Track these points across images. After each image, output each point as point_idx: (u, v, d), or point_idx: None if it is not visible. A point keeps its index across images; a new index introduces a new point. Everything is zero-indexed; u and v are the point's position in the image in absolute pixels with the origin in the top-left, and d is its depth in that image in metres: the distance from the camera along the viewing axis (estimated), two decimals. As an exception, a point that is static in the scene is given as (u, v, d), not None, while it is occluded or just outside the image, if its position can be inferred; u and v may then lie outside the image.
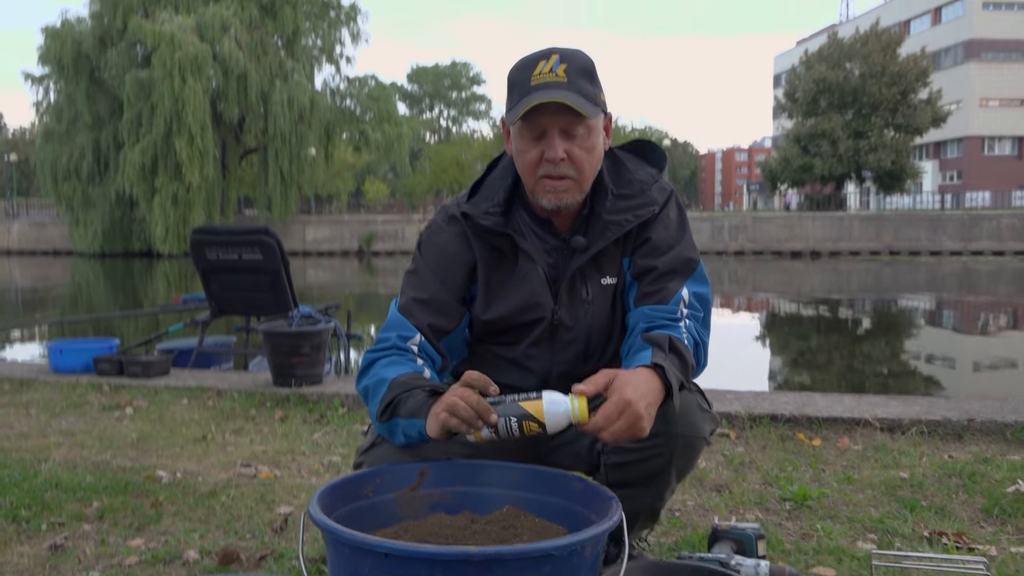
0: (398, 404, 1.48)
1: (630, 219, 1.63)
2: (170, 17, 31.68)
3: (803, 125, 40.99)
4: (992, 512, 2.32)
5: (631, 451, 1.60)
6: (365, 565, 1.17)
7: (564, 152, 1.54)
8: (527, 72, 1.55)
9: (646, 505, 1.68)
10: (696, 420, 1.60)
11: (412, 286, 1.67)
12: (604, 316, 1.69)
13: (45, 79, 35.44)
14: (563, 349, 1.69)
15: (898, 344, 11.12)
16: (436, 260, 1.67)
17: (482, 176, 1.73)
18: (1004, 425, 3.08)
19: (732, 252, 32.15)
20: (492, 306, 1.67)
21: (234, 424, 3.43)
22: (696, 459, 1.67)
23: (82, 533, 2.14)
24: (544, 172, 1.56)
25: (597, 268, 1.66)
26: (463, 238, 1.67)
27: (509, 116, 1.57)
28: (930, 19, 53.85)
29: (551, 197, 1.58)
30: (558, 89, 1.51)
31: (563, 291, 1.66)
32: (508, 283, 1.66)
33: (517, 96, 1.55)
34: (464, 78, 76.45)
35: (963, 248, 30.71)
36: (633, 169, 1.70)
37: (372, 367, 1.59)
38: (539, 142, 1.55)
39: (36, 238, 38.06)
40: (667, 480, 1.64)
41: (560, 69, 1.53)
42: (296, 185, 34.58)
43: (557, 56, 1.55)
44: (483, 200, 1.66)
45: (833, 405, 3.41)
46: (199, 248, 4.97)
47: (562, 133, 1.54)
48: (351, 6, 36.92)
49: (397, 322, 1.63)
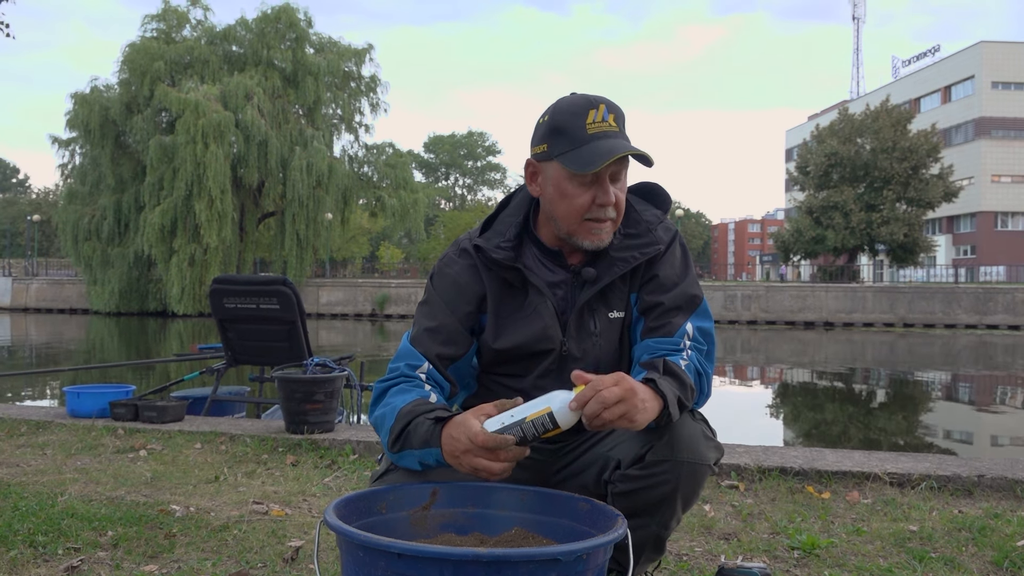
0: (409, 434, 1.53)
1: (636, 256, 1.71)
2: (196, 86, 32.64)
3: (815, 197, 41.32)
4: (1002, 564, 2.30)
5: (637, 479, 1.63)
6: (378, 567, 1.21)
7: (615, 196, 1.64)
8: (579, 120, 1.62)
9: (652, 535, 1.70)
10: (701, 448, 1.63)
11: (424, 315, 1.74)
12: (611, 349, 1.75)
13: (71, 143, 36.45)
14: (571, 382, 1.75)
15: (913, 416, 11.00)
16: (447, 290, 1.74)
17: (495, 212, 1.81)
18: (1015, 482, 3.07)
19: (745, 321, 32.10)
20: (502, 336, 1.72)
21: (246, 467, 3.46)
22: (701, 487, 1.69)
23: (97, 559, 2.17)
24: (593, 216, 1.64)
25: (605, 302, 1.73)
26: (474, 270, 1.73)
27: (573, 165, 1.61)
28: (940, 97, 54.73)
29: (594, 239, 1.67)
30: (617, 139, 1.62)
31: (571, 323, 1.72)
32: (518, 315, 1.72)
33: (572, 143, 1.62)
34: (480, 147, 77.87)
35: (978, 321, 30.55)
36: (640, 210, 1.78)
37: (383, 396, 1.65)
38: (591, 187, 1.63)
39: (53, 296, 38.51)
40: (673, 508, 1.67)
41: (611, 119, 1.63)
42: (312, 248, 35.04)
43: (604, 106, 1.63)
44: (495, 235, 1.74)
45: (843, 460, 3.40)
46: (218, 297, 5.07)
47: (612, 177, 1.64)
48: (371, 77, 37.99)
49: (407, 352, 1.70)
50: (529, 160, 1.71)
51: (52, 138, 37.90)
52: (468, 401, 1.86)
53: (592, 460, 1.75)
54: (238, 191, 34.06)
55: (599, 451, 1.74)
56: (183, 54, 34.92)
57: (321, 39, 36.83)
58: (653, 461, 1.62)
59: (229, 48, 36.02)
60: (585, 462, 1.76)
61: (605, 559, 1.32)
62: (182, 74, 34.35)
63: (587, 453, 1.77)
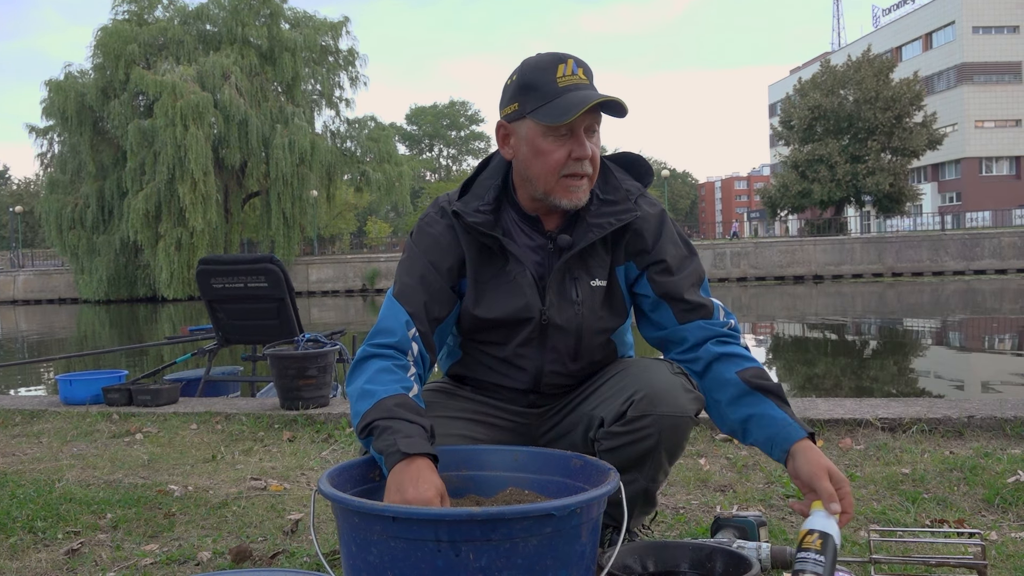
0: (376, 431, 1.45)
1: (612, 222, 1.69)
2: (171, 67, 32.25)
3: (800, 152, 41.31)
4: (993, 502, 2.34)
5: (620, 435, 1.65)
6: (374, 531, 1.22)
7: (591, 150, 1.61)
8: (549, 75, 1.59)
9: (641, 489, 1.72)
10: (681, 401, 1.65)
11: (407, 271, 1.70)
12: (594, 317, 1.74)
13: (49, 131, 36.03)
14: (553, 349, 1.75)
15: (903, 364, 11.10)
16: (430, 248, 1.71)
17: (473, 175, 1.78)
18: (1004, 421, 3.10)
19: (735, 279, 32.21)
20: (481, 303, 1.71)
21: (243, 445, 3.47)
22: (684, 439, 1.71)
23: (97, 541, 2.18)
24: (569, 171, 1.61)
25: (587, 270, 1.72)
26: (453, 231, 1.71)
27: (547, 118, 1.57)
28: (921, 45, 54.52)
29: (571, 196, 1.64)
30: (590, 90, 1.58)
31: (551, 291, 1.70)
32: (497, 283, 1.71)
33: (544, 98, 1.58)
34: (462, 117, 77.30)
35: (965, 268, 30.76)
36: (620, 179, 1.76)
37: (365, 368, 1.59)
38: (566, 142, 1.60)
39: (41, 287, 38.29)
40: (658, 462, 1.69)
41: (580, 72, 1.60)
42: (299, 227, 34.89)
43: (573, 61, 1.60)
44: (473, 198, 1.71)
45: (835, 408, 3.43)
46: (205, 278, 5.04)
47: (587, 131, 1.61)
48: (349, 51, 37.59)
49: (392, 310, 1.65)
50: (500, 122, 1.68)
51: (29, 127, 37.49)
52: (453, 369, 1.86)
53: (577, 420, 1.76)
54: (221, 172, 33.79)
55: (583, 410, 1.76)
56: (157, 35, 34.43)
57: (296, 14, 36.36)
58: (634, 416, 1.64)
59: (203, 27, 35.51)
60: (571, 422, 1.78)
61: (599, 513, 1.34)
62: (157, 56, 33.90)
63: (572, 413, 1.78)
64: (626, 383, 1.69)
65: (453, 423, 1.72)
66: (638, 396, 1.64)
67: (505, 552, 1.18)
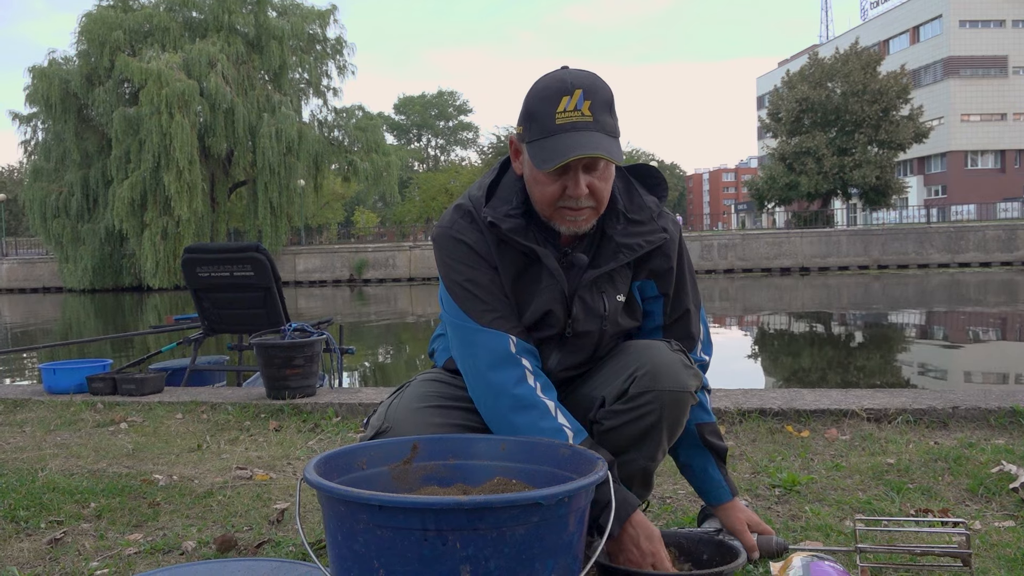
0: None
1: (642, 244, 1.70)
2: (157, 55, 31.91)
3: (787, 144, 41.43)
4: (977, 491, 2.35)
5: (622, 413, 1.66)
6: (360, 520, 1.21)
7: (586, 187, 1.57)
8: (550, 108, 1.54)
9: (640, 468, 1.73)
10: (682, 376, 1.65)
11: (475, 296, 1.68)
12: (615, 327, 1.76)
13: (33, 118, 35.62)
14: (572, 352, 1.76)
15: (889, 356, 11.17)
16: (479, 262, 1.69)
17: (497, 176, 1.74)
18: (988, 411, 3.12)
19: (722, 270, 32.32)
20: (520, 307, 1.72)
21: (229, 435, 3.45)
22: (685, 415, 1.71)
23: (81, 530, 2.16)
24: (564, 204, 1.60)
25: (613, 285, 1.73)
26: (484, 239, 1.69)
27: (535, 159, 1.56)
28: (908, 38, 54.74)
29: (570, 226, 1.63)
30: (586, 131, 1.52)
31: (577, 304, 1.71)
32: (526, 289, 1.71)
33: (541, 132, 1.55)
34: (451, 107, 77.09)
35: (950, 260, 30.98)
36: (643, 194, 1.76)
37: (521, 409, 1.61)
38: (561, 177, 1.57)
39: (25, 276, 37.96)
40: (659, 438, 1.69)
41: (585, 107, 1.53)
42: (286, 216, 34.69)
43: (580, 92, 1.53)
44: (501, 202, 1.68)
45: (821, 399, 3.45)
46: (191, 267, 5.00)
47: (584, 169, 1.57)
48: (337, 39, 37.33)
49: (492, 344, 1.65)
50: (511, 138, 1.68)
51: (12, 114, 37.06)
52: (451, 363, 1.84)
53: (577, 401, 1.77)
54: (207, 161, 33.54)
55: (584, 391, 1.77)
56: (142, 22, 34.05)
57: (284, 2, 36.08)
58: (637, 393, 1.64)
59: (189, 14, 35.15)
60: (571, 404, 1.77)
61: (587, 502, 1.33)
62: (142, 43, 33.53)
63: (571, 396, 1.79)
64: (627, 361, 1.70)
65: (451, 412, 1.72)
66: (640, 373, 1.65)
67: (492, 541, 1.18)
